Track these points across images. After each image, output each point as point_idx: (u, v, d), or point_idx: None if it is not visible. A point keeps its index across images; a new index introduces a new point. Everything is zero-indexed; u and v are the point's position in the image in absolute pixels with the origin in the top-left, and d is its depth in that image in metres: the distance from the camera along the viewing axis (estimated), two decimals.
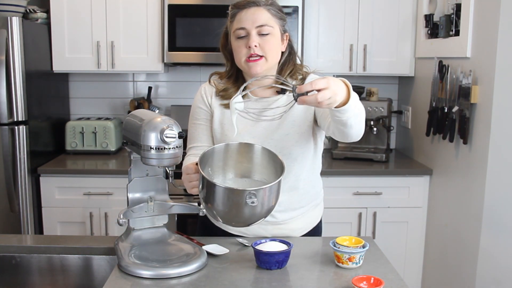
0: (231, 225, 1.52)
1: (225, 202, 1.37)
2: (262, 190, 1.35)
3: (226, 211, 1.38)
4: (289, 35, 1.70)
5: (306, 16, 3.09)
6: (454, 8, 2.62)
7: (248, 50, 1.60)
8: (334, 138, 1.58)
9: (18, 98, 2.72)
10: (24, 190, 2.78)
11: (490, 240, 2.38)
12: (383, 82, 3.47)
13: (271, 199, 1.40)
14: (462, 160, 2.56)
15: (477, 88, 2.40)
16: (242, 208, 1.35)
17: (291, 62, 1.72)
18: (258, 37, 1.60)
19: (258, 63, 1.61)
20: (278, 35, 1.64)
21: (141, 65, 3.12)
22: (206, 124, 1.75)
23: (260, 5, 1.61)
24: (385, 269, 1.51)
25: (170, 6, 2.98)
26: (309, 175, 1.75)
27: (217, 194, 1.37)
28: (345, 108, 1.35)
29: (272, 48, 1.62)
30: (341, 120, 1.41)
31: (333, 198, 2.87)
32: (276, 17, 1.63)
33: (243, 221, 1.43)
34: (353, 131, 1.48)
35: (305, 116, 1.67)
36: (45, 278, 1.66)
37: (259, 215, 1.40)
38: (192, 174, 1.50)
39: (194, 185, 1.51)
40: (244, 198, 1.33)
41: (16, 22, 2.68)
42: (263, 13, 1.61)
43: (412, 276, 3.02)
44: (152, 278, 1.41)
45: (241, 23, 1.61)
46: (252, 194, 1.32)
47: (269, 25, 1.60)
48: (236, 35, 1.62)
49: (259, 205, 1.35)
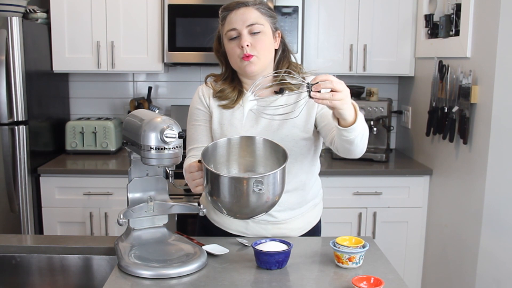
0: (236, 217, 1.51)
1: (232, 192, 1.37)
2: (267, 177, 1.36)
3: (233, 201, 1.38)
4: (281, 32, 1.71)
5: (306, 16, 3.09)
6: (454, 8, 2.62)
7: (241, 50, 1.61)
8: (336, 153, 1.62)
9: (18, 98, 2.72)
10: (24, 190, 2.78)
11: (490, 240, 2.38)
12: (383, 82, 3.47)
13: (277, 186, 1.40)
14: (462, 160, 2.56)
15: (477, 88, 2.40)
16: (249, 197, 1.36)
17: (285, 59, 1.74)
18: (250, 36, 1.61)
19: (252, 62, 1.62)
20: (270, 33, 1.65)
21: (141, 65, 3.12)
22: (205, 125, 1.75)
23: (249, 5, 1.63)
24: (385, 269, 1.51)
25: (170, 6, 2.98)
26: (309, 175, 1.76)
27: (223, 186, 1.37)
28: (353, 127, 1.42)
29: (264, 47, 1.63)
30: (348, 139, 1.46)
31: (333, 198, 2.87)
32: (266, 15, 1.65)
33: (250, 211, 1.42)
34: (358, 150, 1.54)
35: (307, 118, 1.68)
36: (45, 278, 1.66)
37: (267, 203, 1.41)
38: (195, 172, 1.50)
39: (198, 183, 1.50)
40: (252, 186, 1.34)
41: (16, 22, 2.68)
42: (252, 12, 1.62)
43: (412, 276, 3.02)
44: (152, 278, 1.41)
45: (232, 24, 1.62)
46: (259, 182, 1.34)
47: (259, 23, 1.62)
48: (228, 37, 1.64)
49: (266, 192, 1.36)
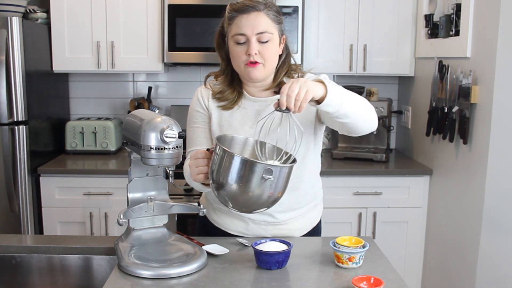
0: (236, 207, 1.48)
1: (241, 174, 1.37)
2: (277, 168, 1.38)
3: (240, 185, 1.38)
4: (285, 37, 1.69)
5: (306, 16, 3.09)
6: (454, 8, 2.62)
7: (247, 57, 1.60)
8: (349, 135, 1.62)
9: (18, 98, 2.72)
10: (24, 190, 2.78)
11: (490, 240, 2.38)
12: (383, 82, 3.47)
13: (282, 182, 1.42)
14: (462, 160, 2.56)
15: (477, 88, 2.40)
16: (257, 183, 1.37)
17: (286, 63, 1.72)
18: (258, 44, 1.59)
19: (257, 68, 1.61)
20: (277, 40, 1.64)
21: (141, 65, 3.12)
22: (205, 127, 1.75)
23: (260, 10, 1.59)
24: (385, 269, 1.51)
25: (170, 6, 2.98)
26: (309, 176, 1.75)
27: (234, 167, 1.38)
28: (326, 102, 1.42)
29: (271, 55, 1.62)
30: (331, 114, 1.47)
31: (333, 198, 2.87)
32: (275, 21, 1.62)
33: (253, 201, 1.42)
34: (356, 123, 1.53)
35: (306, 115, 1.67)
36: (45, 278, 1.66)
37: (270, 198, 1.42)
38: (201, 159, 1.50)
39: (201, 171, 1.50)
40: (261, 172, 1.36)
41: (16, 22, 2.68)
42: (263, 19, 1.59)
43: (412, 276, 3.02)
44: (152, 278, 1.41)
45: (241, 28, 1.59)
46: (269, 171, 1.36)
47: (269, 32, 1.59)
48: (235, 40, 1.61)
49: (272, 184, 1.38)
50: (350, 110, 1.48)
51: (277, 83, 1.69)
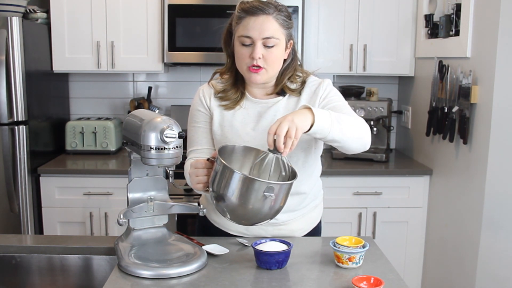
0: (237, 220, 1.49)
1: (242, 192, 1.37)
2: (279, 186, 1.38)
3: (240, 202, 1.38)
4: (293, 42, 1.67)
5: (306, 16, 3.09)
6: (454, 8, 2.62)
7: (250, 59, 1.58)
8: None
9: (18, 98, 2.72)
10: (24, 190, 2.78)
11: (490, 240, 2.38)
12: (383, 82, 3.47)
13: (282, 199, 1.41)
14: (462, 160, 2.56)
15: (477, 88, 2.40)
16: (257, 200, 1.36)
17: (291, 67, 1.70)
18: (263, 48, 1.57)
19: (259, 73, 1.60)
20: (283, 45, 1.62)
21: (141, 65, 3.12)
22: (206, 127, 1.74)
23: (270, 14, 1.57)
24: (385, 269, 1.51)
25: (170, 6, 2.98)
26: (310, 178, 1.75)
27: (234, 184, 1.37)
28: (314, 130, 1.43)
29: (275, 60, 1.61)
30: (320, 139, 1.49)
31: (333, 198, 2.87)
32: (284, 27, 1.60)
33: (252, 216, 1.42)
34: (345, 145, 1.53)
35: None
36: (45, 278, 1.66)
37: (268, 213, 1.41)
38: (201, 169, 1.50)
39: (200, 181, 1.50)
40: (263, 190, 1.35)
41: (16, 22, 2.68)
42: (271, 23, 1.57)
43: (412, 276, 3.02)
44: (152, 278, 1.41)
45: (248, 31, 1.57)
46: (271, 188, 1.35)
47: (275, 37, 1.57)
48: (241, 41, 1.59)
49: (273, 201, 1.38)
50: (339, 136, 1.48)
51: (280, 87, 1.68)
